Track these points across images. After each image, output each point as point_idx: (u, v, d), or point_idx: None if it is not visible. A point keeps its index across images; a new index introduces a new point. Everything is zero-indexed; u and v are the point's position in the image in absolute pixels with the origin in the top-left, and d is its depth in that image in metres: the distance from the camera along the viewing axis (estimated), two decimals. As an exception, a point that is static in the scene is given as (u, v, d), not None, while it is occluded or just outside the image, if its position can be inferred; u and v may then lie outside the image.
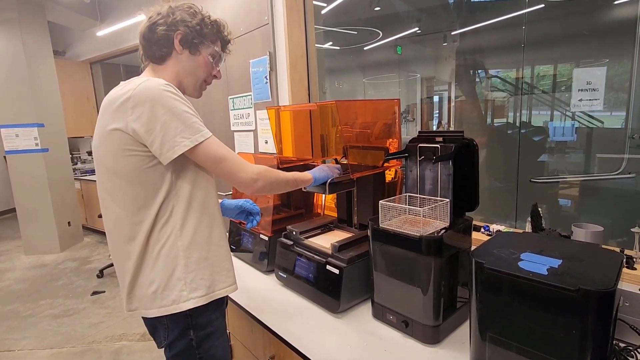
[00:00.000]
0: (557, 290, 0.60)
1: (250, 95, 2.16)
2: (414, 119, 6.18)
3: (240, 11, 2.11)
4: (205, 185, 0.93)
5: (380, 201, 1.00)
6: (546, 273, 0.64)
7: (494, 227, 1.24)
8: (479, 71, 3.54)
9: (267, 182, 0.91)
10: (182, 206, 0.87)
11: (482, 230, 1.26)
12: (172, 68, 0.94)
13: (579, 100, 1.70)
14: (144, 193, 0.84)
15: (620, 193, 1.94)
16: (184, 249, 0.88)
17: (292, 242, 1.28)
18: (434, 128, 5.94)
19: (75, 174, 4.68)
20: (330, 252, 1.14)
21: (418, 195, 1.06)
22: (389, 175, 1.32)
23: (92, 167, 5.00)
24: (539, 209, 1.11)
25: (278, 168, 1.35)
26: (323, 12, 3.56)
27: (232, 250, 1.64)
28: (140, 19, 0.98)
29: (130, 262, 0.87)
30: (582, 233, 1.01)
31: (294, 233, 1.29)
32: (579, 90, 1.74)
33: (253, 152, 2.24)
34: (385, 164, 1.25)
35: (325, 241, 1.24)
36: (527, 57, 2.66)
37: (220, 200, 1.15)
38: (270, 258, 1.38)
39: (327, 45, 5.11)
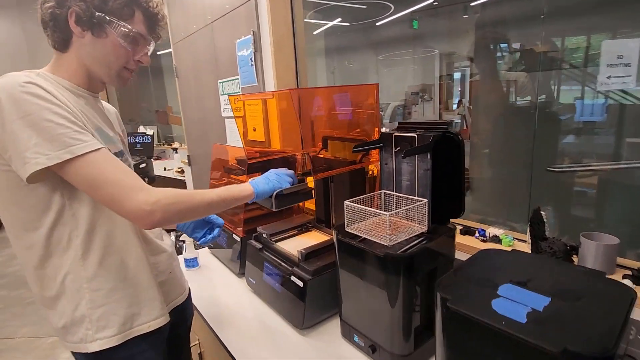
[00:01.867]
0: (535, 348, 0.45)
1: (238, 78, 2.01)
2: (431, 98, 5.86)
3: (224, -14, 1.94)
4: None
5: (345, 201, 0.85)
6: (524, 320, 0.49)
7: (491, 231, 1.07)
8: (501, 45, 3.23)
9: (171, 212, 0.68)
10: (81, 231, 0.72)
11: (477, 234, 1.10)
12: (76, 55, 0.75)
13: (607, 78, 1.46)
14: (25, 214, 0.70)
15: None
16: (88, 281, 0.73)
17: (261, 246, 1.16)
18: (454, 107, 5.62)
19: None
20: (297, 259, 1.01)
21: (394, 193, 0.90)
22: (372, 169, 1.16)
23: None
24: (542, 212, 0.93)
25: (247, 160, 1.22)
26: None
27: (209, 247, 1.54)
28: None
29: (35, 289, 0.76)
30: (591, 247, 0.83)
31: (264, 235, 1.17)
32: (607, 65, 1.48)
33: (242, 139, 2.11)
34: (366, 160, 1.09)
35: (297, 245, 1.11)
36: (555, 28, 2.35)
37: None
38: (243, 260, 1.27)
39: (335, 22, 4.84)
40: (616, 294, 0.53)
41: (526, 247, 1.00)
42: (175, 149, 4.35)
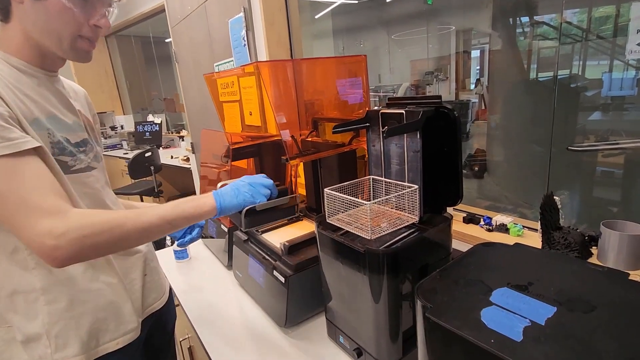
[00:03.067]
0: (530, 376, 0.35)
1: (232, 60, 1.91)
2: (447, 77, 5.61)
3: (215, -39, 1.82)
4: None
5: (325, 189, 0.75)
6: (520, 338, 0.38)
7: (497, 219, 0.96)
8: (521, 18, 3.00)
9: (85, 246, 0.53)
10: None
11: (482, 222, 0.98)
12: (19, 26, 0.63)
13: (637, 45, 1.28)
14: None
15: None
16: (43, 291, 0.63)
17: (247, 237, 1.08)
18: (472, 87, 5.36)
19: (97, 149, 4.76)
20: (280, 252, 0.92)
21: (383, 178, 0.80)
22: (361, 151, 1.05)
23: (115, 142, 5.08)
24: (556, 197, 0.81)
25: (229, 148, 1.13)
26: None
27: (201, 236, 1.48)
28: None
29: None
30: (613, 238, 0.71)
31: (249, 226, 1.09)
32: (638, 31, 1.30)
33: (241, 124, 2.03)
34: (355, 142, 0.99)
35: (284, 236, 1.02)
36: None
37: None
38: (231, 252, 1.20)
39: (343, 0, 4.62)
40: (641, 301, 0.42)
41: (538, 238, 0.88)
42: (182, 137, 4.33)
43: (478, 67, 5.65)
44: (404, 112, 0.71)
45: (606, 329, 0.39)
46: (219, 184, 0.78)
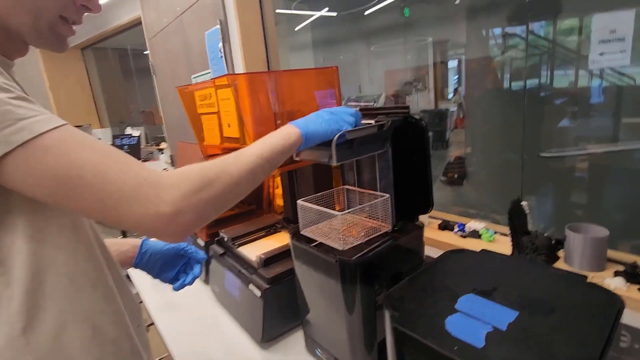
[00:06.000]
0: (491, 382, 0.35)
1: (209, 73, 1.91)
2: (425, 88, 5.75)
3: (190, -26, 1.83)
4: (70, 239, 0.49)
5: (298, 201, 0.75)
6: (482, 344, 0.39)
7: (470, 226, 0.98)
8: (493, 30, 3.11)
9: (202, 201, 0.44)
10: (17, 288, 0.44)
11: (456, 229, 1.00)
12: None
13: (599, 55, 1.35)
14: None
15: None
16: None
17: (223, 251, 1.06)
18: (450, 97, 5.50)
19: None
20: (256, 265, 0.91)
21: (357, 188, 0.81)
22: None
23: (92, 156, 4.95)
24: (523, 203, 0.83)
25: (207, 157, 1.12)
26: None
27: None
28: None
29: None
30: (578, 241, 0.73)
31: (225, 239, 1.07)
32: (599, 42, 1.37)
33: (219, 136, 2.02)
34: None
35: (261, 249, 1.01)
36: (547, 9, 2.24)
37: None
38: (208, 267, 1.17)
39: (322, 12, 4.70)
40: (599, 303, 0.44)
41: (509, 243, 0.90)
42: (161, 150, 4.26)
43: (456, 77, 5.81)
44: (373, 122, 0.72)
45: (564, 330, 0.40)
46: None
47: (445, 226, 1.03)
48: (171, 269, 0.75)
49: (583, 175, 1.77)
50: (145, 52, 5.27)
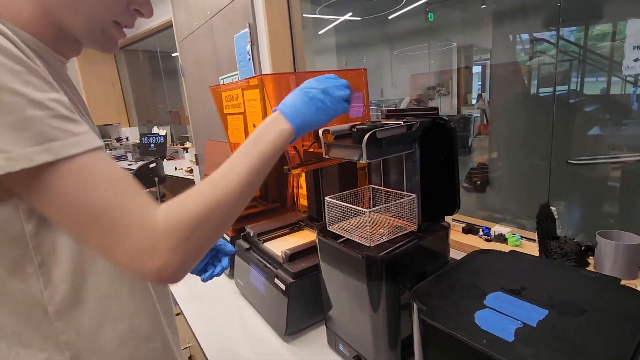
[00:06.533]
0: (521, 375, 0.36)
1: (237, 74, 1.96)
2: (449, 93, 5.68)
3: (222, -21, 1.89)
4: None
5: (326, 198, 0.77)
6: (512, 338, 0.40)
7: (496, 230, 0.97)
8: (521, 35, 3.06)
9: (192, 246, 0.43)
10: (60, 289, 0.46)
11: (481, 233, 0.99)
12: None
13: (634, 61, 1.32)
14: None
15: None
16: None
17: (248, 245, 1.10)
18: (474, 102, 5.42)
19: (103, 160, 4.81)
20: (281, 260, 0.94)
21: (382, 187, 0.82)
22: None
23: (120, 153, 5.14)
24: (552, 208, 0.82)
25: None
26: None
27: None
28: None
29: None
30: (609, 248, 0.72)
31: (251, 234, 1.10)
32: (634, 47, 1.34)
33: (244, 136, 2.07)
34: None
35: (286, 245, 1.04)
36: (579, 15, 2.19)
37: None
38: (233, 261, 1.21)
39: (346, 17, 4.74)
40: (632, 305, 0.43)
41: (536, 248, 0.89)
42: (186, 149, 4.38)
43: (480, 83, 5.72)
44: (402, 123, 0.73)
45: (595, 331, 0.40)
46: None
47: (470, 230, 1.03)
48: (200, 264, 0.76)
49: (614, 184, 1.71)
50: (173, 55, 5.44)
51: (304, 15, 1.79)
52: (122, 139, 5.44)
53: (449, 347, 0.43)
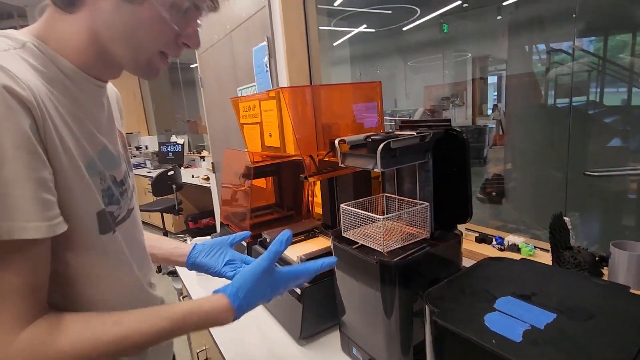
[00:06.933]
0: (528, 373, 0.38)
1: (255, 85, 2.03)
2: (463, 103, 5.67)
3: (241, -5, 1.97)
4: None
5: (341, 205, 0.80)
6: (519, 339, 0.41)
7: (510, 239, 0.98)
8: (537, 46, 3.06)
9: None
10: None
11: (494, 242, 1.00)
12: (87, 23, 0.48)
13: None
14: None
15: None
16: None
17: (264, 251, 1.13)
18: (489, 112, 5.39)
19: (122, 168, 4.97)
20: (297, 266, 0.97)
21: (396, 196, 0.84)
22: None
23: (139, 161, 5.29)
24: (566, 218, 0.83)
25: (249, 167, 1.20)
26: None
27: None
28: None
29: None
30: (623, 258, 0.72)
31: (268, 240, 1.14)
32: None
33: (260, 145, 2.12)
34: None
35: (301, 251, 1.07)
36: (597, 25, 2.19)
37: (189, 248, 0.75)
38: (249, 266, 1.24)
39: (360, 29, 4.82)
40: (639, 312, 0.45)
41: (549, 258, 0.89)
42: (202, 157, 4.48)
43: (495, 93, 5.68)
44: (415, 134, 0.76)
45: (602, 335, 0.41)
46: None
47: (483, 239, 1.04)
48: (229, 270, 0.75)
49: (633, 196, 1.69)
50: (191, 66, 5.61)
51: (320, 27, 1.85)
52: (141, 147, 5.61)
53: (459, 348, 0.45)
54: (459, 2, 4.25)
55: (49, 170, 0.42)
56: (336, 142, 0.79)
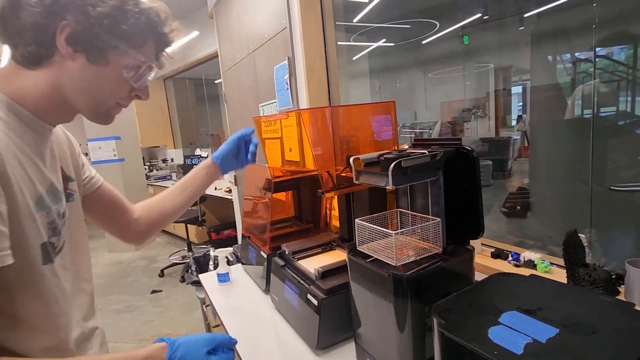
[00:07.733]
0: (527, 384, 0.40)
1: (276, 102, 2.11)
2: (485, 115, 5.59)
3: (264, 16, 2.07)
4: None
5: (356, 220, 0.84)
6: (520, 352, 0.44)
7: (526, 256, 0.98)
8: (562, 56, 3.01)
9: None
10: None
11: (510, 258, 1.01)
12: (50, 78, 0.54)
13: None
14: None
15: None
16: None
17: (284, 263, 1.17)
18: (513, 123, 5.29)
19: (149, 180, 5.18)
20: (314, 277, 1.00)
21: (409, 211, 0.87)
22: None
23: (165, 173, 5.50)
24: (581, 235, 0.84)
25: (270, 181, 1.26)
26: (368, 9, 3.38)
27: (242, 263, 1.59)
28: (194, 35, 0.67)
29: None
30: (637, 275, 0.72)
31: (287, 252, 1.18)
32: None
33: (281, 159, 2.19)
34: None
35: (318, 263, 1.11)
36: (624, 33, 2.15)
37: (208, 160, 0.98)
38: (269, 277, 1.29)
39: (380, 43, 4.88)
40: (642, 328, 0.46)
41: (565, 275, 0.89)
42: (226, 170, 4.60)
43: (520, 104, 5.58)
44: (426, 152, 0.79)
45: (602, 348, 0.43)
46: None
47: (499, 255, 1.04)
48: (236, 162, 1.01)
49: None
50: (216, 81, 5.83)
51: (339, 42, 1.91)
52: (167, 160, 5.84)
53: (464, 357, 0.48)
54: (479, 15, 4.25)
55: (5, 207, 0.47)
56: (351, 160, 0.83)
